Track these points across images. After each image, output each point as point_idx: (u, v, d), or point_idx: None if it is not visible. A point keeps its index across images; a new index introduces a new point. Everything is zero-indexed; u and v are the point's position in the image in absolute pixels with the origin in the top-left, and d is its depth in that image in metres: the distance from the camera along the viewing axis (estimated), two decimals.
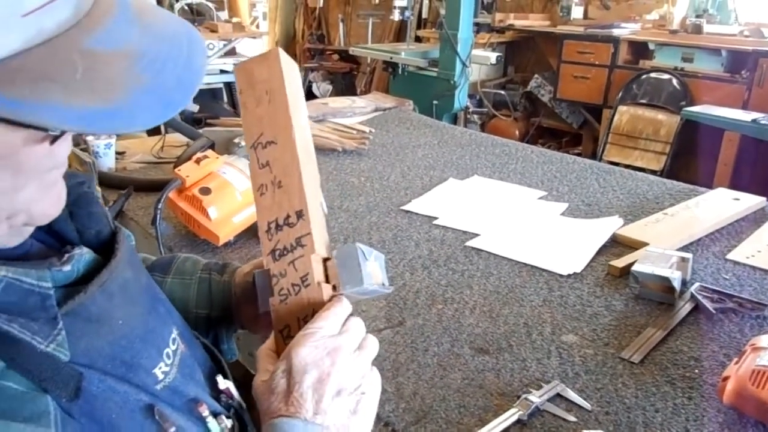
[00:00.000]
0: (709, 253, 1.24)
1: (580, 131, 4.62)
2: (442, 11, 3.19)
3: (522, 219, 1.42)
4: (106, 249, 0.57)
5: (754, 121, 2.81)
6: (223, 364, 0.71)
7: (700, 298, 1.04)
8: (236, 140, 1.37)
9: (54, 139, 0.43)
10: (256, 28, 7.11)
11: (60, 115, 0.37)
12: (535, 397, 0.79)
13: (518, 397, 0.80)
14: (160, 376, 0.55)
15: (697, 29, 3.72)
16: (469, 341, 0.94)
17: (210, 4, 4.91)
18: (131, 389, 0.51)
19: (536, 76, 4.66)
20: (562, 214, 1.45)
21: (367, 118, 2.35)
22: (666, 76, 3.79)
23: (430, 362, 0.88)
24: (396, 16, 3.31)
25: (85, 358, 0.47)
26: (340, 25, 6.63)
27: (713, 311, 1.01)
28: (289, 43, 7.27)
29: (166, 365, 0.56)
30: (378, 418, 0.78)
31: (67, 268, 0.50)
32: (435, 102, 3.01)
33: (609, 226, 1.33)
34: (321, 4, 6.65)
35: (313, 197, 0.63)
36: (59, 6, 0.38)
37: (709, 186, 1.65)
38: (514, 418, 0.76)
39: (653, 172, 3.72)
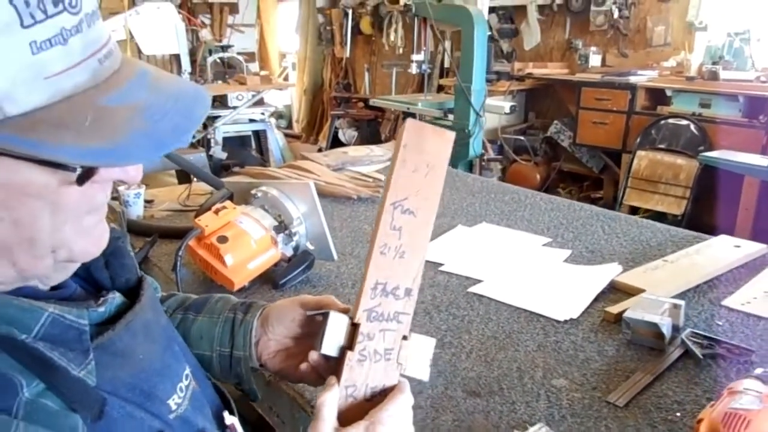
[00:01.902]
0: (705, 300, 1.27)
1: (600, 176, 4.66)
2: None
3: (525, 265, 1.47)
4: (133, 293, 0.66)
5: None
6: (230, 403, 0.78)
7: (689, 344, 1.07)
8: (253, 191, 1.46)
9: (81, 180, 0.51)
10: (284, 79, 7.38)
11: (73, 153, 0.47)
12: None
13: None
14: (173, 407, 0.63)
15: (714, 76, 3.77)
16: (463, 384, 0.99)
17: (240, 58, 5.14)
18: (147, 416, 0.59)
19: (555, 122, 4.74)
20: (565, 260, 1.50)
21: (384, 166, 2.44)
22: (684, 122, 3.83)
23: (423, 404, 0.94)
24: (414, 69, 3.45)
25: (109, 386, 0.56)
26: (366, 74, 6.84)
27: (701, 356, 1.04)
28: (317, 92, 7.51)
29: (179, 397, 0.64)
30: None
31: (101, 309, 0.59)
32: None
33: (608, 273, 1.37)
34: (348, 55, 6.89)
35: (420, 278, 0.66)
36: (77, 73, 0.48)
37: (731, 231, 1.66)
38: None
39: (674, 217, 3.73)
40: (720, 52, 3.95)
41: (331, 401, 0.63)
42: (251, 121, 4.96)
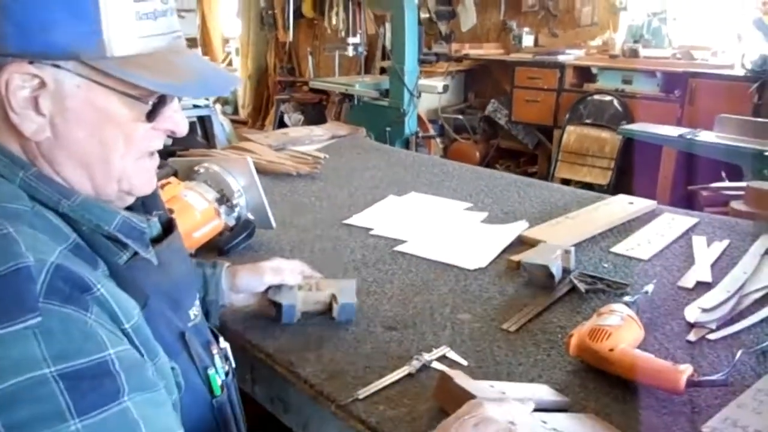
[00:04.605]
0: (597, 248, 1.47)
1: (535, 151, 4.90)
2: None
3: (446, 226, 1.64)
4: (165, 228, 0.86)
5: (680, 136, 3.09)
6: (218, 336, 0.96)
7: (576, 281, 1.26)
8: (196, 168, 1.58)
9: (149, 116, 0.71)
10: (228, 64, 7.38)
11: (150, 83, 0.68)
12: (425, 357, 1.00)
13: (412, 358, 1.01)
14: (192, 317, 0.84)
15: (634, 53, 4.03)
16: (382, 322, 1.15)
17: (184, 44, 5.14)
18: (174, 318, 0.78)
19: (493, 100, 4.95)
20: (482, 221, 1.68)
21: (324, 145, 2.58)
22: (608, 98, 4.09)
23: (348, 338, 1.10)
24: (350, 51, 3.58)
25: (151, 288, 0.74)
26: (309, 58, 6.91)
27: (584, 291, 1.23)
28: (261, 77, 7.53)
29: (196, 311, 0.86)
30: (298, 377, 0.99)
31: (153, 220, 0.81)
32: (387, 129, 3.27)
33: (516, 229, 1.55)
34: (291, 39, 6.94)
35: None
36: (160, 39, 0.70)
37: (652, 197, 1.81)
38: (405, 372, 0.98)
39: (600, 187, 3.99)
40: (640, 31, 4.21)
41: None
42: (195, 107, 4.98)
